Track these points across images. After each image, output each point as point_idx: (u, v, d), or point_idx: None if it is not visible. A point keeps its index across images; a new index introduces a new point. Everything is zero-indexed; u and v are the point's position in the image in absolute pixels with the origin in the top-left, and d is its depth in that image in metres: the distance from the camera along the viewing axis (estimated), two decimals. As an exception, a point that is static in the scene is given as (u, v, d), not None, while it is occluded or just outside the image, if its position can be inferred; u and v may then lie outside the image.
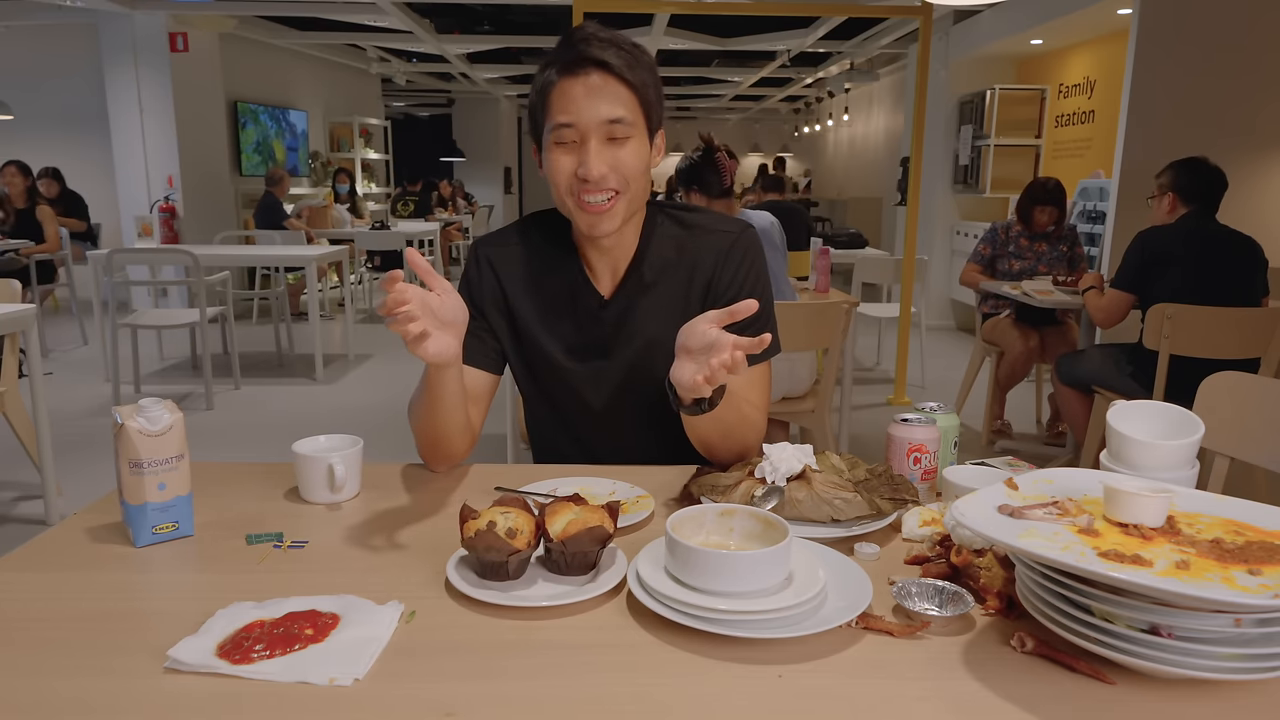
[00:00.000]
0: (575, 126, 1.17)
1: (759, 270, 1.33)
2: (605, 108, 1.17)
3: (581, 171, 1.18)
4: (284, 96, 9.14)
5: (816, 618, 0.81)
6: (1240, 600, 0.68)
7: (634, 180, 1.21)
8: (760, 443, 1.28)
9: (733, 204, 3.01)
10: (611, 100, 1.17)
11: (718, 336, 1.03)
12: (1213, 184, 3.09)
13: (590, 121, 1.17)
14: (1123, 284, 3.12)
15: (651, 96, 1.21)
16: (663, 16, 7.19)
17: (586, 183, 1.18)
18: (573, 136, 1.18)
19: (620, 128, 1.18)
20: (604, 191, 1.19)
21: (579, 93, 1.17)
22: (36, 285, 6.24)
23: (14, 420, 3.11)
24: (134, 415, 0.98)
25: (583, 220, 1.23)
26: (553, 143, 1.20)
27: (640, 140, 1.21)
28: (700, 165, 2.93)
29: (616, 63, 1.17)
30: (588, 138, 1.17)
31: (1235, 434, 1.54)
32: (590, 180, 1.18)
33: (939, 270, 7.27)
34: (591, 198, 1.19)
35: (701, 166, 2.92)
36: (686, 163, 2.98)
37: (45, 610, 0.85)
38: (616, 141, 1.19)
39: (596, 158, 1.17)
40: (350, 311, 6.56)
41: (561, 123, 1.17)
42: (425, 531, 1.05)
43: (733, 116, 17.33)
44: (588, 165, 1.17)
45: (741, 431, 1.21)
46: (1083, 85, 6.53)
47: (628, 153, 1.19)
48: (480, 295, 1.34)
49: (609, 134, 1.18)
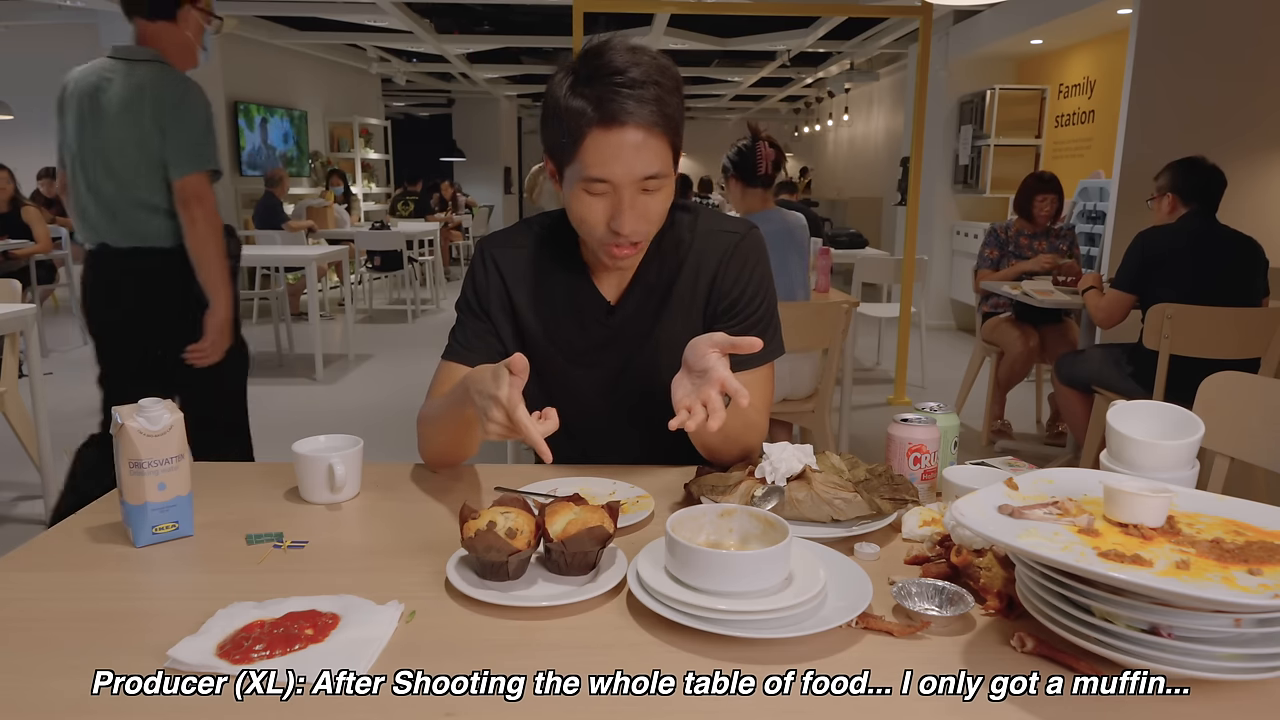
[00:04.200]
0: (610, 182, 1.14)
1: (763, 272, 1.33)
2: (641, 166, 1.13)
3: (614, 225, 1.16)
4: (284, 96, 9.14)
5: (816, 618, 0.81)
6: (1240, 600, 0.68)
7: (659, 223, 1.21)
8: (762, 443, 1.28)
9: (768, 195, 3.02)
10: (649, 158, 1.13)
11: (712, 366, 1.03)
12: (1210, 183, 3.09)
13: (625, 180, 1.14)
14: (1123, 284, 3.12)
15: (680, 128, 1.18)
16: (663, 16, 7.19)
17: (618, 235, 1.17)
18: (605, 190, 1.15)
19: (655, 182, 1.16)
20: (635, 244, 1.19)
21: (613, 150, 1.12)
22: (36, 285, 6.23)
23: (14, 420, 3.11)
24: (134, 415, 0.98)
25: (607, 258, 1.22)
26: (581, 187, 1.16)
27: (670, 182, 1.19)
28: (741, 153, 2.98)
29: (653, 117, 1.12)
30: (621, 193, 1.15)
31: (1235, 434, 1.54)
32: (623, 234, 1.16)
33: (939, 270, 7.27)
34: (621, 248, 1.19)
35: (742, 155, 2.97)
36: (732, 150, 3.03)
37: (45, 610, 0.85)
38: (649, 193, 1.17)
39: (630, 214, 1.15)
40: (350, 311, 6.56)
41: (596, 177, 1.14)
42: (425, 531, 1.05)
43: (733, 116, 17.32)
44: (621, 221, 1.15)
45: (745, 436, 1.22)
46: (1083, 85, 6.53)
47: (658, 201, 1.18)
48: (486, 295, 1.34)
49: (644, 187, 1.16)
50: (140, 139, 2.28)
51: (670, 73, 1.16)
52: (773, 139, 3.03)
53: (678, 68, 1.18)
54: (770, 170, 2.97)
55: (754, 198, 3.01)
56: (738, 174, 3.01)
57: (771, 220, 2.95)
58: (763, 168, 2.96)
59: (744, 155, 2.97)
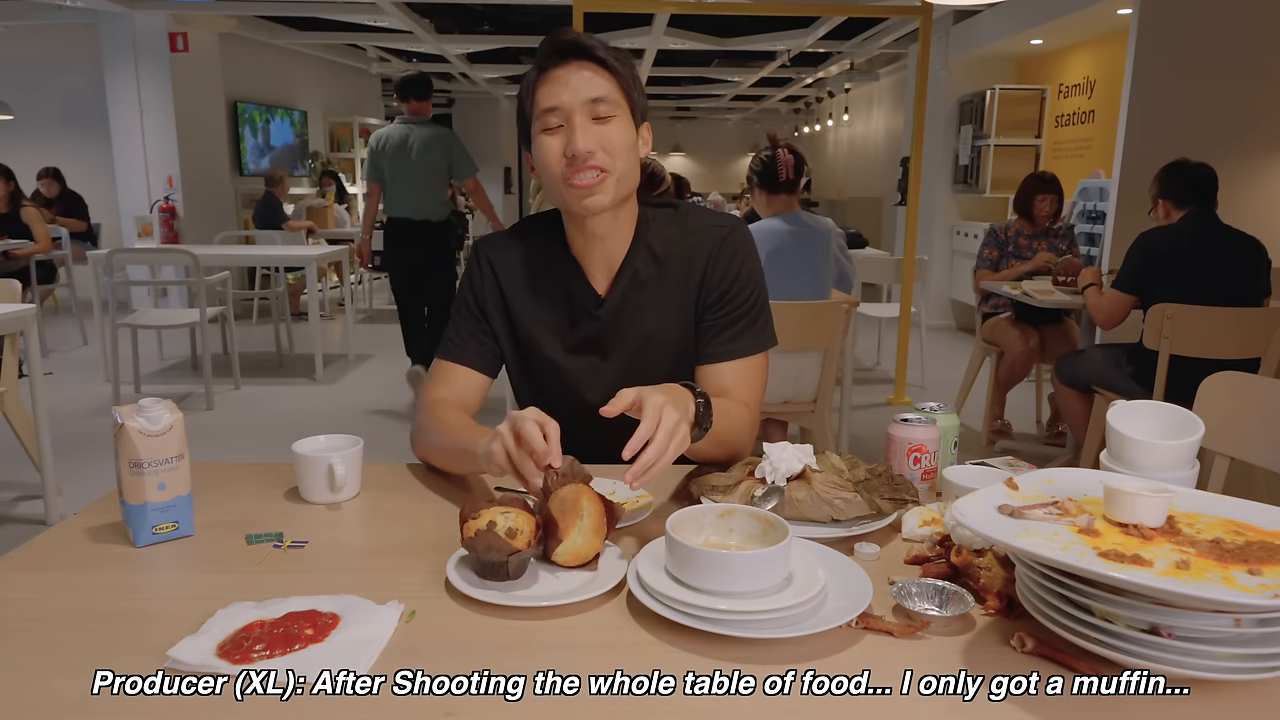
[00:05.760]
0: (560, 109, 1.20)
1: (751, 265, 1.34)
2: (587, 88, 1.20)
3: (569, 150, 1.20)
4: (284, 96, 9.14)
5: (816, 618, 0.81)
6: (1240, 600, 0.68)
7: (620, 157, 1.22)
8: (752, 439, 1.28)
9: (792, 199, 3.13)
10: (592, 82, 1.20)
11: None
12: (1199, 182, 3.08)
13: (574, 102, 1.20)
14: (1123, 285, 3.12)
15: (631, 87, 1.24)
16: (662, 16, 7.18)
17: (575, 159, 1.20)
18: (558, 120, 1.21)
19: (603, 106, 1.20)
20: (592, 169, 1.21)
21: (560, 79, 1.20)
22: (36, 285, 6.23)
23: (14, 420, 3.11)
24: (134, 415, 0.98)
25: (574, 199, 1.23)
26: (540, 131, 1.22)
27: (625, 120, 1.23)
28: (764, 163, 3.12)
29: (595, 53, 1.21)
30: (573, 118, 1.20)
31: (1235, 434, 1.54)
32: (578, 155, 1.19)
33: (939, 270, 7.27)
34: (580, 175, 1.21)
35: (765, 164, 3.12)
36: (755, 160, 3.18)
37: (45, 610, 0.85)
38: (601, 120, 1.21)
39: (582, 133, 1.19)
40: (350, 311, 6.56)
41: (546, 108, 1.21)
42: (425, 531, 1.05)
43: (733, 116, 17.32)
44: (574, 142, 1.19)
45: (732, 438, 1.23)
46: (1083, 85, 6.52)
47: (613, 130, 1.21)
48: (483, 295, 1.36)
49: (593, 113, 1.20)
50: (435, 164, 4.61)
51: (624, 51, 1.25)
52: (793, 146, 3.17)
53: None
54: (791, 175, 3.10)
55: (778, 203, 3.12)
56: (761, 182, 3.14)
57: (795, 222, 3.06)
58: (783, 174, 3.09)
59: (766, 164, 3.11)
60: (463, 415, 1.27)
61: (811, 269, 3.06)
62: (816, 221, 3.15)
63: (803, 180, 3.15)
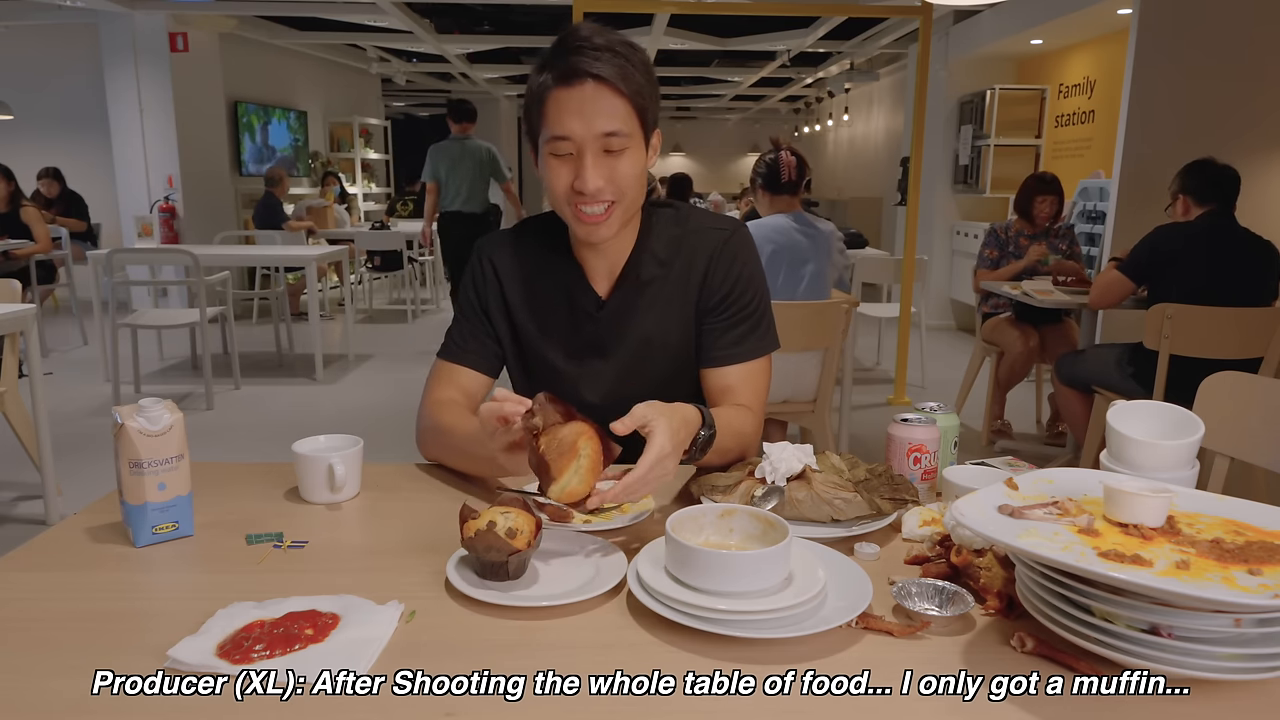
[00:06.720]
0: (571, 140, 1.17)
1: (753, 267, 1.34)
2: (600, 121, 1.16)
3: (578, 185, 1.18)
4: (284, 96, 9.14)
5: (816, 618, 0.81)
6: (1240, 600, 0.68)
7: (629, 189, 1.21)
8: (756, 442, 1.28)
9: (794, 200, 3.16)
10: (607, 113, 1.16)
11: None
12: (1222, 182, 3.10)
13: (586, 135, 1.16)
14: (1126, 270, 3.14)
15: (646, 102, 1.20)
16: (663, 16, 7.18)
17: (583, 195, 1.18)
18: (569, 149, 1.18)
19: (616, 140, 1.17)
20: (600, 203, 1.19)
21: (574, 106, 1.15)
22: (36, 285, 6.23)
23: (14, 420, 3.11)
24: (134, 415, 0.98)
25: (580, 229, 1.24)
26: (549, 154, 1.20)
27: (636, 149, 1.20)
28: (767, 165, 3.17)
29: (611, 73, 1.15)
30: (584, 151, 1.17)
31: (1235, 434, 1.54)
32: (586, 193, 1.18)
33: (939, 270, 7.27)
34: (588, 209, 1.20)
35: (768, 166, 3.17)
36: (759, 163, 3.23)
37: (45, 610, 0.85)
38: (613, 154, 1.18)
39: (592, 171, 1.17)
40: (350, 311, 6.56)
41: (557, 135, 1.17)
42: (425, 531, 1.05)
43: (733, 116, 17.32)
44: (584, 179, 1.17)
45: (735, 444, 1.22)
46: (1083, 85, 6.52)
47: (624, 163, 1.19)
48: (484, 296, 1.35)
49: (605, 146, 1.17)
50: (481, 169, 5.96)
51: (638, 51, 1.19)
52: (794, 149, 3.22)
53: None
54: (793, 176, 3.13)
55: (781, 203, 3.16)
56: (764, 183, 3.18)
57: (798, 221, 3.09)
58: (785, 175, 3.13)
59: (769, 166, 3.16)
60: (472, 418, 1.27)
61: (812, 268, 3.08)
62: (818, 223, 3.17)
63: (804, 181, 3.18)
